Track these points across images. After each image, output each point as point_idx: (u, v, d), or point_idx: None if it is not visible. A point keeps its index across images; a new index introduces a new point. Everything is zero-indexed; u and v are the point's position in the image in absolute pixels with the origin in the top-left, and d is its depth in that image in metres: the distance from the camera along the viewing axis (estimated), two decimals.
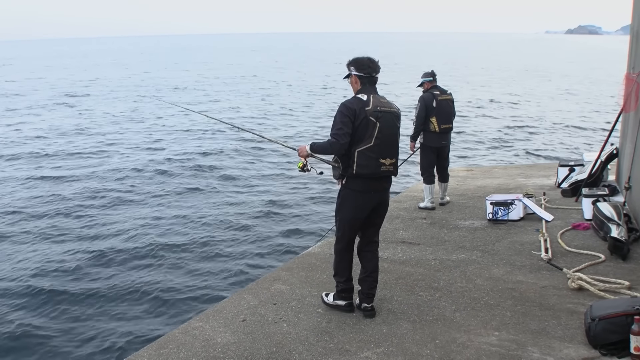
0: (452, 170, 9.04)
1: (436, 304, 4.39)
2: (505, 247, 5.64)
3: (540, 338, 3.74)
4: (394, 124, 4.03)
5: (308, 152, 4.07)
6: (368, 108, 3.91)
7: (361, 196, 4.03)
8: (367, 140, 3.91)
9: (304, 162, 4.19)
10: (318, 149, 4.02)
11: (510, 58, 69.27)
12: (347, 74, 4.15)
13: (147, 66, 57.01)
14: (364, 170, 3.94)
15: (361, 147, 3.91)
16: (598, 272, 4.75)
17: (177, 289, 6.76)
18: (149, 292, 6.67)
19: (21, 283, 7.01)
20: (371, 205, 4.09)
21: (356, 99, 3.98)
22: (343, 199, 4.11)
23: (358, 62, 4.08)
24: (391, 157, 4.02)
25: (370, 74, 4.06)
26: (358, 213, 4.09)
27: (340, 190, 4.14)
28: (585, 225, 6.05)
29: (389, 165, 4.01)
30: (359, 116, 3.89)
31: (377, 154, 3.94)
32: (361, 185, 4.01)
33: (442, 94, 7.00)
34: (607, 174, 7.56)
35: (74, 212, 9.84)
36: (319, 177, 11.57)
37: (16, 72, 49.90)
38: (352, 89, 4.14)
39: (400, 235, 6.27)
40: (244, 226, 9.18)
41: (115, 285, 6.91)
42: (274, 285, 4.93)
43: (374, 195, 4.07)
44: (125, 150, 15.51)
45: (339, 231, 4.20)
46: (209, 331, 4.12)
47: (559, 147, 16.60)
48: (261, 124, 19.94)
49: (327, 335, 3.97)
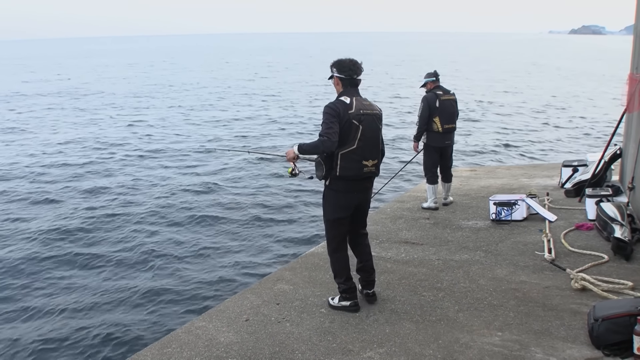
0: (456, 170, 9.03)
1: (439, 304, 4.39)
2: (508, 248, 5.63)
3: (543, 338, 3.74)
4: (376, 126, 4.11)
5: (296, 154, 4.08)
6: (351, 111, 3.97)
7: (343, 196, 4.13)
8: (351, 142, 3.98)
9: (292, 166, 4.28)
10: (308, 149, 4.01)
11: (513, 58, 69.05)
12: (330, 75, 4.19)
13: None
14: (348, 173, 4.03)
15: (344, 150, 3.98)
16: (601, 273, 4.74)
17: (180, 288, 6.77)
18: (152, 292, 6.67)
19: (23, 282, 7.06)
20: (353, 205, 4.19)
21: (339, 102, 4.02)
22: (327, 199, 4.23)
23: (340, 64, 4.12)
24: (373, 158, 4.10)
25: (351, 76, 4.10)
26: (342, 212, 4.18)
27: (324, 190, 4.23)
28: (588, 225, 6.04)
29: (371, 166, 4.11)
30: (342, 119, 3.94)
31: (360, 156, 4.02)
32: (344, 186, 4.10)
33: (445, 93, 6.99)
34: (611, 174, 7.54)
35: (73, 214, 9.85)
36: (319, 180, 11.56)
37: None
38: (335, 90, 4.19)
39: (403, 235, 6.26)
40: (248, 226, 9.19)
41: (119, 285, 6.92)
42: (277, 285, 4.94)
43: (356, 195, 4.17)
44: (125, 152, 15.55)
45: (328, 233, 4.30)
46: (212, 331, 4.13)
47: (562, 147, 16.54)
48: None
49: (330, 335, 3.97)
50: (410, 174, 11.96)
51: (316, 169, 4.14)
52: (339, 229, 4.23)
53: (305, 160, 4.28)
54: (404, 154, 14.33)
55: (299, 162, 4.23)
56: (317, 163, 4.11)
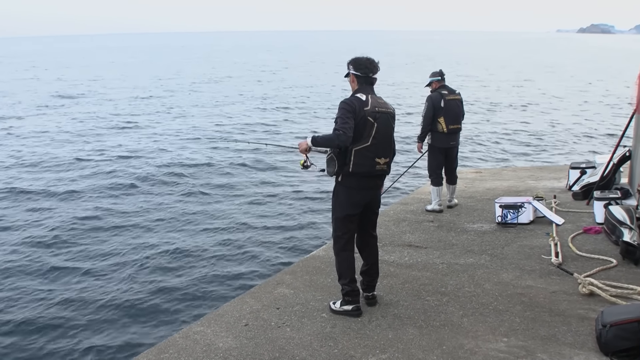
0: (461, 172, 8.95)
1: (443, 309, 4.33)
2: (514, 251, 5.57)
3: (550, 344, 3.68)
4: (390, 124, 4.16)
5: (309, 146, 4.10)
6: (367, 108, 4.02)
7: (355, 193, 4.15)
8: (365, 139, 4.02)
9: (305, 158, 4.29)
10: (321, 141, 4.04)
11: (520, 57, 68.87)
12: (347, 73, 4.25)
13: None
14: (360, 169, 4.05)
15: (358, 147, 4.02)
16: (610, 277, 4.68)
17: (177, 292, 6.72)
18: (149, 296, 6.63)
19: (21, 289, 7.00)
20: (364, 202, 4.21)
21: (355, 98, 4.07)
22: (337, 196, 4.24)
23: (356, 61, 4.19)
24: (386, 156, 4.14)
25: (367, 74, 4.16)
26: (352, 209, 4.18)
27: (334, 187, 4.25)
28: (596, 229, 5.97)
29: (383, 164, 4.14)
30: (358, 115, 3.99)
31: (373, 154, 4.06)
32: (356, 183, 4.12)
33: (450, 93, 6.91)
34: (620, 176, 7.46)
35: (74, 216, 9.82)
36: (323, 180, 11.55)
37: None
38: (351, 87, 4.25)
39: (407, 238, 6.20)
40: (247, 229, 9.13)
41: (116, 289, 6.87)
42: (277, 289, 4.88)
43: (367, 192, 4.19)
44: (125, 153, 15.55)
45: (336, 230, 4.28)
46: (211, 336, 4.08)
47: (570, 149, 16.42)
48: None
49: (332, 340, 3.92)
50: (414, 175, 11.88)
51: (327, 165, 4.15)
52: (348, 226, 4.22)
53: (317, 153, 4.26)
54: (408, 154, 14.23)
55: (311, 154, 4.23)
56: (330, 159, 4.12)
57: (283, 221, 9.56)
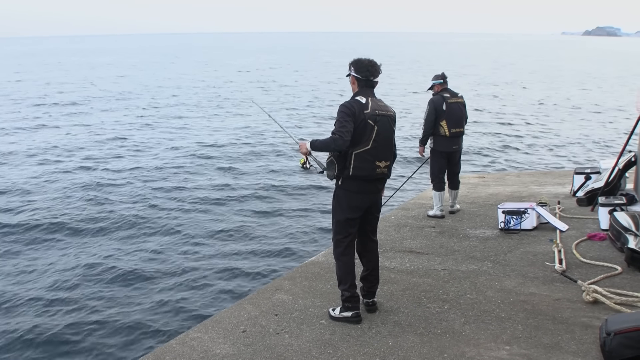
0: (463, 177, 8.89)
1: (445, 316, 4.27)
2: (517, 258, 5.51)
3: (553, 353, 3.63)
4: (390, 128, 4.14)
5: (308, 149, 4.12)
6: (367, 111, 4.00)
7: (355, 197, 4.13)
8: (365, 143, 4.00)
9: (304, 159, 4.35)
10: (319, 146, 4.05)
11: (524, 61, 68.79)
12: (348, 73, 4.23)
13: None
14: (361, 172, 4.03)
15: (358, 150, 4.00)
16: (614, 285, 4.62)
17: (174, 298, 6.68)
18: (145, 302, 6.59)
19: (19, 293, 6.97)
20: (364, 206, 4.18)
21: (355, 101, 4.05)
22: (337, 199, 4.22)
23: (358, 63, 4.16)
24: (386, 160, 4.13)
25: (367, 77, 4.13)
26: (352, 213, 4.16)
27: (335, 190, 4.24)
28: (601, 235, 5.90)
29: (384, 167, 4.13)
30: (357, 118, 3.97)
31: (373, 157, 4.04)
32: (356, 187, 4.10)
33: (452, 96, 6.87)
34: (625, 182, 7.41)
35: (73, 219, 9.80)
36: (323, 184, 11.51)
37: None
38: (351, 88, 4.23)
39: (408, 244, 6.14)
40: (245, 234, 9.08)
41: (112, 295, 6.84)
42: (275, 295, 4.83)
43: (367, 196, 4.16)
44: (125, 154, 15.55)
45: (336, 234, 4.25)
46: (208, 342, 4.03)
47: (574, 154, 16.34)
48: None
49: (331, 347, 3.87)
50: (416, 180, 11.81)
51: (328, 168, 4.14)
52: (348, 230, 4.19)
53: (319, 154, 4.30)
54: (410, 164, 14.16)
55: (313, 157, 4.28)
56: (330, 162, 4.11)
57: (282, 226, 9.50)
